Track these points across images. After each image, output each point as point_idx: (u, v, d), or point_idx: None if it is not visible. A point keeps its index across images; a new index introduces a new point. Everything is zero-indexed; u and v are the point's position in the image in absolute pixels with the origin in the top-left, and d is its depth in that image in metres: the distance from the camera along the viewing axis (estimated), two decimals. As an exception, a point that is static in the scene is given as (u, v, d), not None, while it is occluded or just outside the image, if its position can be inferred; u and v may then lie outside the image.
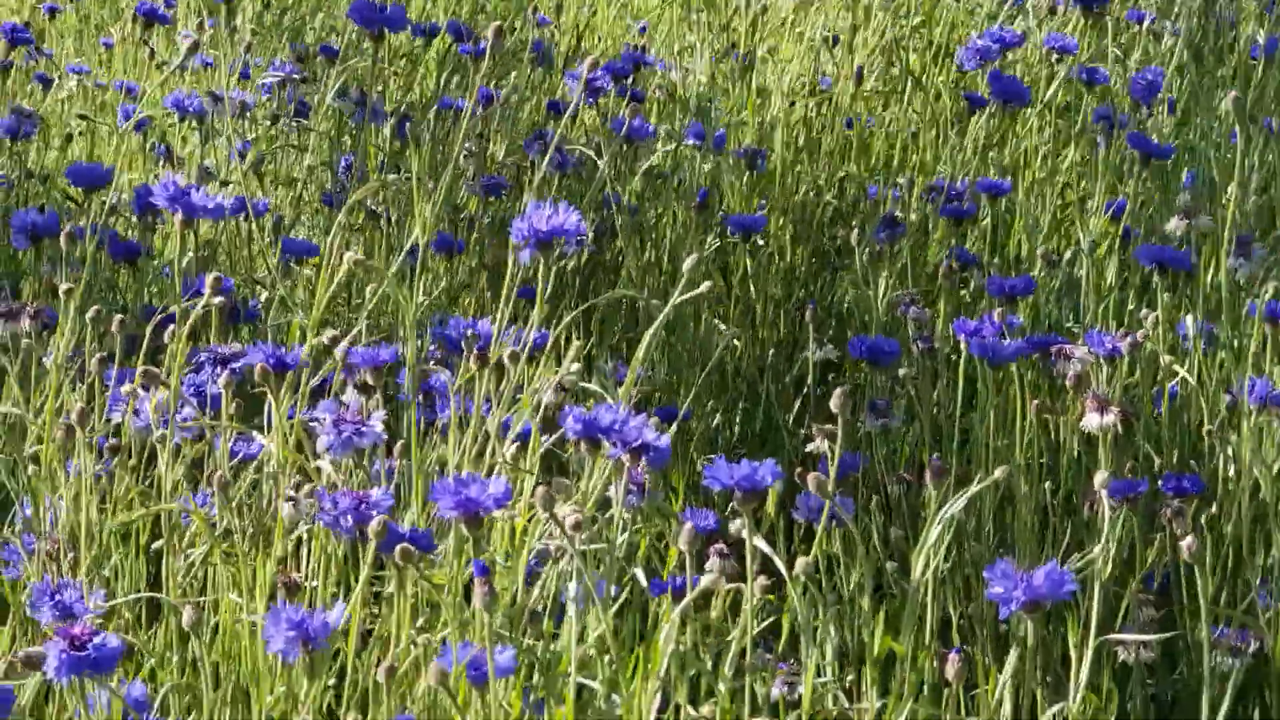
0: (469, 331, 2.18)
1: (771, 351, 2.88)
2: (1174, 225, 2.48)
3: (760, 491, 1.65)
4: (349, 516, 1.73)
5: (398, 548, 1.61)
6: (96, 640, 1.55)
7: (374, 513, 1.72)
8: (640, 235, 2.97)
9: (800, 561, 1.68)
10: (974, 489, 1.79)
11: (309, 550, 1.96)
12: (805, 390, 2.76)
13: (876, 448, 2.45)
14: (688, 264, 2.01)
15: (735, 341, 2.86)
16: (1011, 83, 2.94)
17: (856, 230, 2.65)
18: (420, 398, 2.14)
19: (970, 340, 2.21)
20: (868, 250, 2.67)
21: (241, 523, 1.97)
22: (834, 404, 1.93)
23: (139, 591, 2.00)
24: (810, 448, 2.31)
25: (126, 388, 1.98)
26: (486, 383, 1.95)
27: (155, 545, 2.12)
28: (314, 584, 1.89)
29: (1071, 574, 1.62)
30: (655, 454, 1.78)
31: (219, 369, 2.15)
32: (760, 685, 1.73)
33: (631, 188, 3.01)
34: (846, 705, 1.76)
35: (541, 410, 1.90)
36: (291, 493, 2.03)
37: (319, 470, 1.93)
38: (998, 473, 1.81)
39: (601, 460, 1.82)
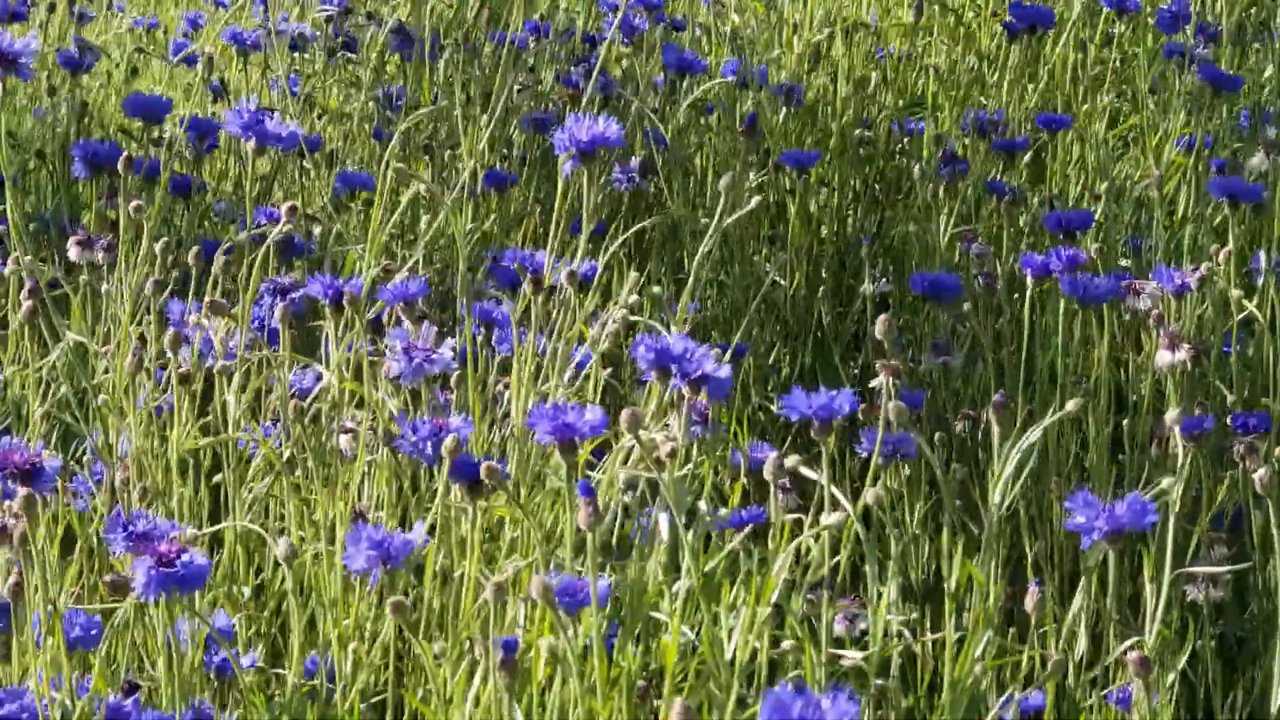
0: (518, 264, 2.16)
1: (821, 289, 2.85)
2: (1258, 161, 2.44)
3: (834, 422, 1.64)
4: (429, 443, 1.72)
5: (483, 465, 1.59)
6: (184, 558, 1.54)
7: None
8: (685, 168, 2.95)
9: (870, 492, 1.66)
10: (1048, 420, 1.77)
11: (367, 484, 1.95)
12: (859, 327, 2.74)
13: (939, 386, 2.43)
14: (724, 181, 1.99)
15: (780, 279, 2.83)
16: (1035, 9, 2.95)
17: (919, 165, 2.62)
18: (480, 327, 2.12)
19: (1062, 277, 2.18)
20: (929, 186, 2.64)
21: (302, 454, 1.96)
22: (878, 330, 1.92)
23: (199, 525, 1.99)
24: (873, 384, 2.29)
25: (193, 318, 1.97)
26: (542, 310, 1.93)
27: (215, 478, 2.11)
28: (378, 515, 1.88)
29: (1153, 504, 1.60)
30: (716, 385, 1.76)
31: (277, 299, 2.13)
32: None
33: (675, 122, 2.98)
34: (911, 640, 1.74)
35: (603, 339, 1.89)
36: (349, 424, 2.02)
37: (381, 401, 1.91)
38: (1070, 405, 1.78)
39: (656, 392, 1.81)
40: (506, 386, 1.98)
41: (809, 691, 1.21)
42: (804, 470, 1.73)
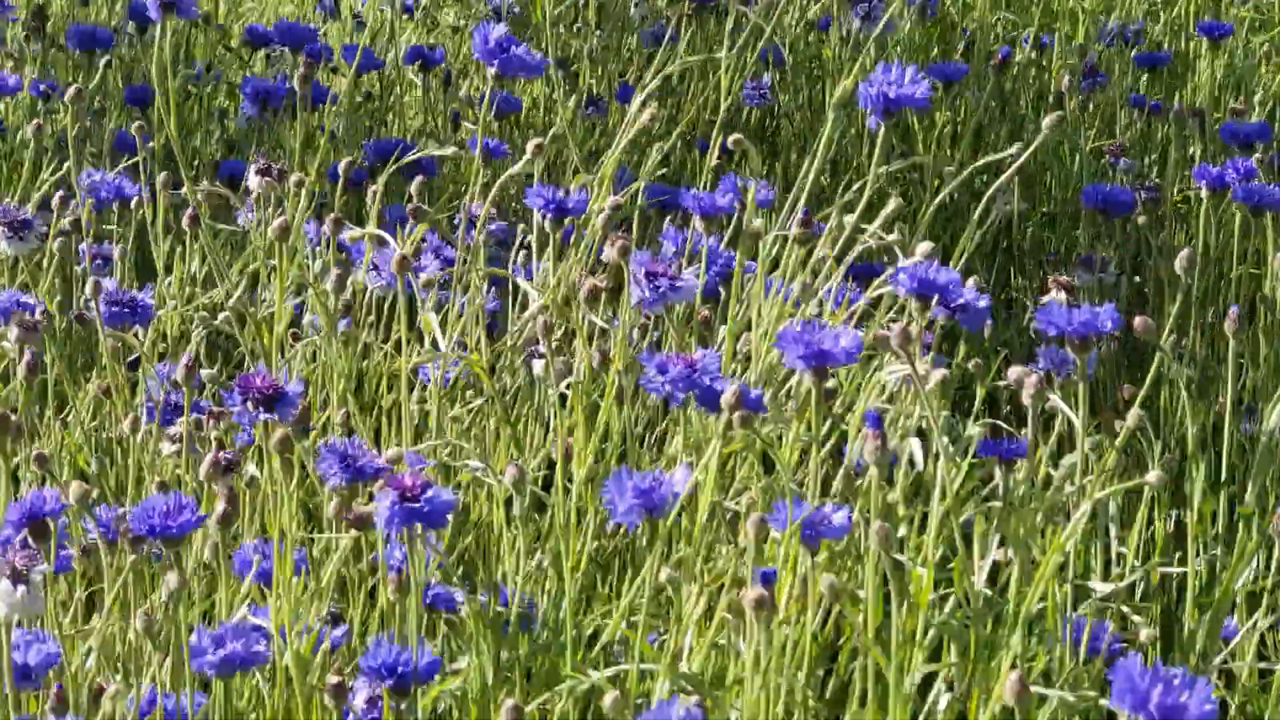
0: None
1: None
2: None
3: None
4: (680, 384, 1.65)
5: (727, 392, 1.52)
6: (429, 493, 1.48)
7: (706, 378, 1.64)
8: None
9: (1133, 414, 1.60)
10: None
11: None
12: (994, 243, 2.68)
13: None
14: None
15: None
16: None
17: (1067, 78, 2.55)
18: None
19: (1236, 186, 2.13)
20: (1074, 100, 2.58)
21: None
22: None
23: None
24: (1045, 299, 2.23)
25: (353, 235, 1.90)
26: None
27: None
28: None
29: None
30: (975, 314, 1.72)
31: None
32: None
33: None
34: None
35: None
36: (541, 349, 1.95)
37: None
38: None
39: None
40: (705, 320, 1.91)
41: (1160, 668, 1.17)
42: (1060, 405, 1.66)
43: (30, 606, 1.42)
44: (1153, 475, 1.49)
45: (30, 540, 1.47)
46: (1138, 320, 1.62)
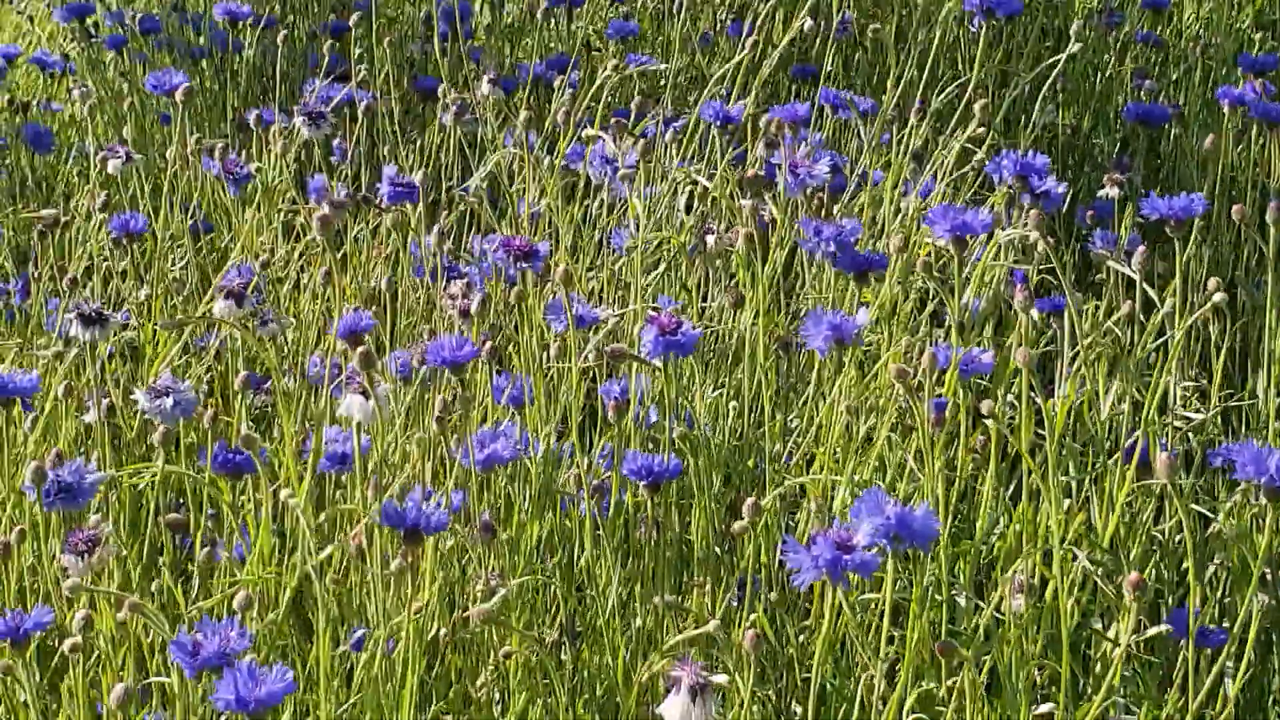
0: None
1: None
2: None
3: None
4: (831, 242, 2.05)
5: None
6: (684, 328, 1.87)
7: (851, 239, 2.05)
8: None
9: (1213, 281, 2.01)
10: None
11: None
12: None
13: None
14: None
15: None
16: None
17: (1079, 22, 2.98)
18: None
19: (1252, 105, 2.55)
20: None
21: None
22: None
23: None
24: (1102, 193, 2.65)
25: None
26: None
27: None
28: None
29: None
30: (1054, 198, 2.11)
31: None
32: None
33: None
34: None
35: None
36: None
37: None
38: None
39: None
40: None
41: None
42: (1117, 266, 2.08)
43: (377, 416, 1.79)
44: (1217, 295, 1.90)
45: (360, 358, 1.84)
46: (1235, 208, 2.04)
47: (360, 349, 1.68)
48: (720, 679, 1.58)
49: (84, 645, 1.62)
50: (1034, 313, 1.90)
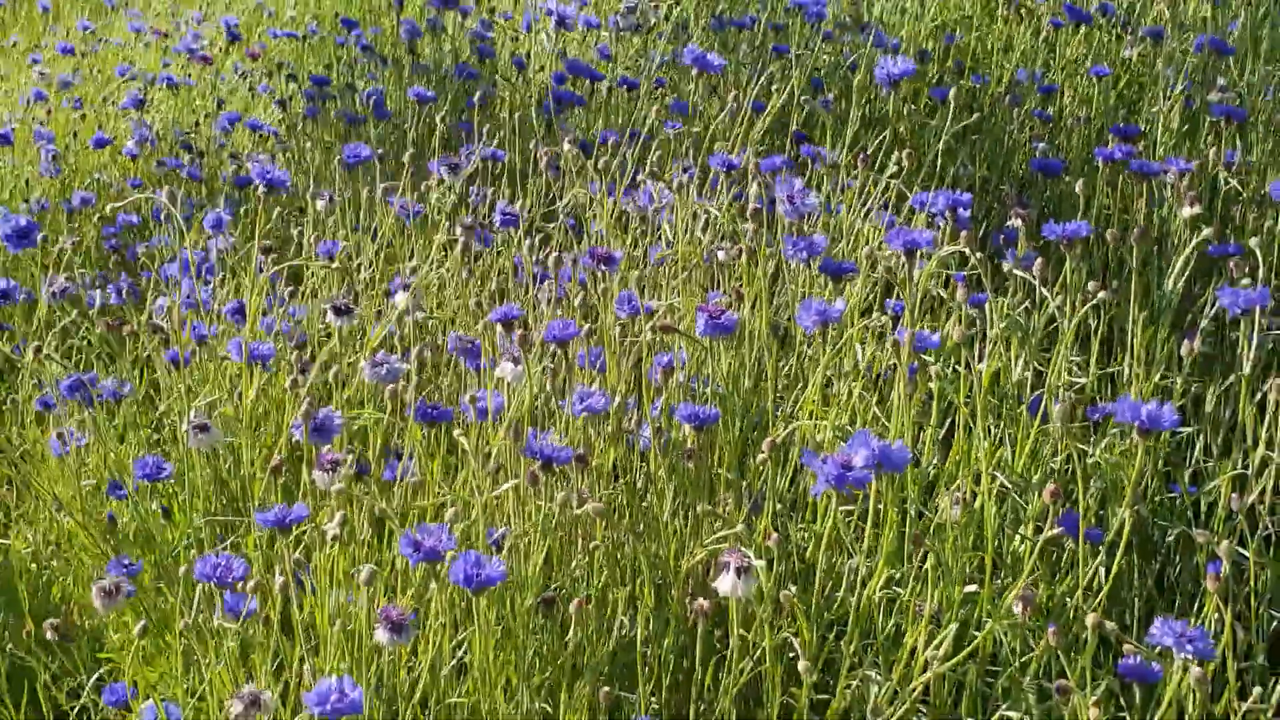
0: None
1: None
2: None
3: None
4: (804, 250, 2.83)
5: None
6: (727, 314, 2.62)
7: (820, 249, 2.83)
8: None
9: (1093, 284, 2.80)
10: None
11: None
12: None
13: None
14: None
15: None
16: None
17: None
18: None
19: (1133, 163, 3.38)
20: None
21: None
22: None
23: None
24: (1009, 223, 3.46)
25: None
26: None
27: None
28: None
29: None
30: (964, 222, 2.91)
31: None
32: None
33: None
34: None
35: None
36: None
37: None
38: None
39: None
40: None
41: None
42: (1020, 273, 2.88)
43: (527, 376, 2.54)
44: (1101, 294, 2.70)
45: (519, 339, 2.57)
46: (1109, 232, 2.84)
47: (517, 330, 2.43)
48: (760, 562, 2.31)
49: (340, 537, 2.33)
50: (967, 306, 2.68)
